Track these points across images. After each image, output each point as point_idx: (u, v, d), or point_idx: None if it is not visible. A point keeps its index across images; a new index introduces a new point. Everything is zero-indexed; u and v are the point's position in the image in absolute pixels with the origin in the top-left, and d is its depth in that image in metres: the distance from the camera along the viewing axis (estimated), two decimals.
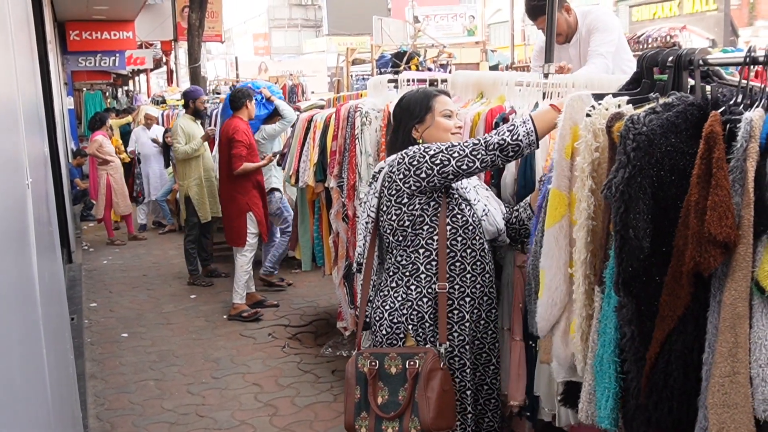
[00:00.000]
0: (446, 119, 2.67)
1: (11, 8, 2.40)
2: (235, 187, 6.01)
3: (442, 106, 2.68)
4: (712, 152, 1.62)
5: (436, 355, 2.42)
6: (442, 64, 9.60)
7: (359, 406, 2.47)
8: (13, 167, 2.00)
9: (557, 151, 2.12)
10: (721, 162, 1.60)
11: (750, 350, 1.57)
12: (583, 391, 2.05)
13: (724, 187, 1.58)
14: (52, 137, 6.85)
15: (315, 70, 23.40)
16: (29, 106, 2.95)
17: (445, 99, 2.71)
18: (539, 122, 2.43)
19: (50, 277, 2.82)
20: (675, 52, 2.01)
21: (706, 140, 1.64)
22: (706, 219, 1.58)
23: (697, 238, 1.61)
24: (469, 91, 3.26)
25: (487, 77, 3.26)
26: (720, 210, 1.57)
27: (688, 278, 1.67)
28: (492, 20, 37.97)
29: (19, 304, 1.74)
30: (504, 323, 2.82)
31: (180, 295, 6.88)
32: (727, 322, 1.60)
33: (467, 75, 3.37)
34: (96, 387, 4.71)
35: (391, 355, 2.45)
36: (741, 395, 1.57)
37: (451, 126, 2.67)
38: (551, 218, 2.12)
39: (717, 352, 1.62)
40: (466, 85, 3.28)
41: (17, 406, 1.46)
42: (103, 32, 14.70)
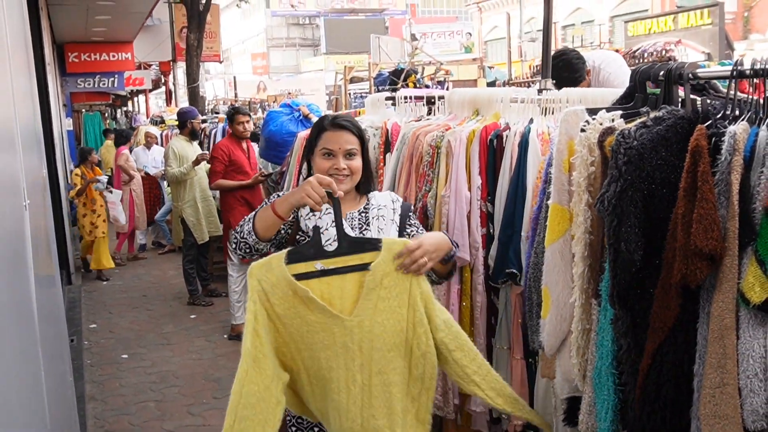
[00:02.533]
0: (324, 159, 2.31)
1: (9, 30, 2.41)
2: (222, 204, 6.18)
3: (324, 143, 2.32)
4: (698, 166, 1.64)
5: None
6: (440, 81, 9.64)
7: None
8: (11, 189, 2.00)
9: (555, 167, 2.13)
10: (706, 175, 1.62)
11: (738, 361, 1.58)
12: (583, 404, 2.06)
13: (710, 200, 1.59)
14: (50, 159, 6.86)
15: (313, 89, 23.52)
16: (27, 127, 2.96)
17: (331, 135, 2.32)
18: (256, 219, 2.26)
19: (48, 298, 2.81)
20: (666, 66, 2.02)
21: (691, 154, 1.66)
22: (692, 231, 1.60)
23: (683, 250, 1.62)
24: (464, 109, 3.26)
25: (482, 94, 3.27)
26: (705, 222, 1.58)
27: (677, 290, 1.69)
28: (489, 37, 38.22)
29: (17, 326, 1.73)
30: (503, 342, 2.80)
31: (180, 315, 6.85)
32: (716, 333, 1.62)
33: (463, 92, 3.38)
34: (96, 409, 4.67)
35: None
36: (731, 406, 1.58)
37: (325, 168, 2.29)
38: (553, 233, 2.12)
39: (707, 363, 1.63)
40: (462, 102, 3.28)
41: (15, 429, 1.45)
42: (101, 53, 14.80)
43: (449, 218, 2.88)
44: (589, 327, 2.03)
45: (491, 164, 2.85)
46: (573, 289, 2.06)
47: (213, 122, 9.78)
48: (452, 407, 2.94)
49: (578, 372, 2.06)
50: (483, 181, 2.87)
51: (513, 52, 25.54)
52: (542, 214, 2.31)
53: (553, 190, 2.13)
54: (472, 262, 2.88)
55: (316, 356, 2.06)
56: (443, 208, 2.91)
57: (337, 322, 2.05)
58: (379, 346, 2.07)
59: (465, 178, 2.87)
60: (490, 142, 2.85)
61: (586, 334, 2.04)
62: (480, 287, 2.87)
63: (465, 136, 2.92)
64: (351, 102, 11.35)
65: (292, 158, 5.39)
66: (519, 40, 28.08)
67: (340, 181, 2.27)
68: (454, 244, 2.32)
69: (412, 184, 3.19)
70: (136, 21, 12.74)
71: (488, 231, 2.86)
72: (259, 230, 2.23)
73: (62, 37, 13.77)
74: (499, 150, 2.83)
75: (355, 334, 2.05)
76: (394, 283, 2.09)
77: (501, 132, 2.84)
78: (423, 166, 3.09)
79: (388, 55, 14.08)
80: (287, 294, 2.05)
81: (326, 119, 2.40)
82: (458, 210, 2.86)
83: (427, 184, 3.06)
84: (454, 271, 2.50)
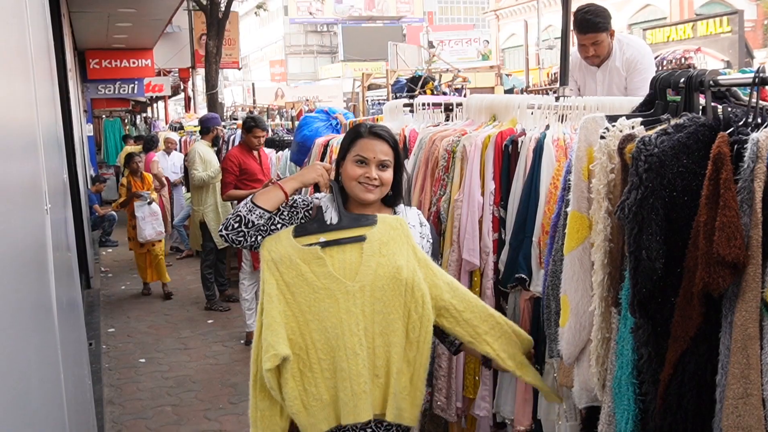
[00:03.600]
0: (357, 166, 2.31)
1: (32, 37, 2.44)
2: None
3: (359, 150, 2.32)
4: (720, 173, 1.62)
5: None
6: (457, 89, 9.64)
7: None
8: (32, 193, 2.02)
9: (574, 173, 2.11)
10: (728, 183, 1.59)
11: (762, 372, 1.55)
12: (602, 414, 2.03)
13: (732, 208, 1.57)
14: (71, 164, 6.93)
15: (331, 96, 23.63)
16: (49, 132, 2.99)
17: (366, 143, 2.32)
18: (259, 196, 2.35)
19: (68, 302, 2.84)
20: (686, 73, 2.01)
21: (713, 161, 1.64)
22: (715, 240, 1.57)
23: (705, 258, 1.60)
24: (482, 115, 3.26)
25: (499, 100, 3.27)
26: (728, 231, 1.56)
27: (699, 299, 1.66)
28: (506, 45, 38.19)
29: (37, 329, 1.75)
30: None
31: (197, 320, 6.89)
32: (739, 343, 1.59)
33: (480, 98, 3.38)
34: (113, 412, 4.70)
35: None
36: (754, 417, 1.55)
37: (356, 175, 2.30)
38: (572, 241, 2.10)
39: (729, 374, 1.60)
40: (479, 108, 3.29)
41: (34, 430, 1.46)
42: (122, 60, 14.96)
43: (461, 222, 2.89)
44: (609, 336, 2.01)
45: (505, 169, 2.85)
46: (592, 297, 2.04)
47: (231, 128, 9.84)
48: (455, 410, 2.94)
49: (597, 381, 2.04)
50: (496, 186, 2.86)
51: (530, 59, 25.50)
52: (561, 221, 2.29)
53: (573, 197, 2.12)
54: (482, 266, 2.87)
55: (323, 326, 2.17)
56: (455, 212, 2.91)
57: (340, 287, 2.18)
58: (380, 309, 2.19)
59: (478, 182, 2.87)
60: (505, 147, 2.84)
61: (606, 342, 2.02)
62: (489, 291, 2.87)
63: (480, 141, 2.92)
64: (368, 109, 11.37)
65: (309, 164, 5.42)
66: (536, 48, 28.05)
67: (369, 190, 2.31)
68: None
69: (427, 189, 3.19)
70: (156, 28, 12.86)
71: (500, 236, 2.85)
72: (259, 202, 2.31)
73: (83, 44, 13.94)
74: (513, 155, 2.83)
75: (357, 298, 2.18)
76: (392, 251, 2.23)
77: (516, 138, 2.83)
78: (438, 170, 3.10)
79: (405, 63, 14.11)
80: (295, 263, 2.20)
81: (363, 126, 2.41)
82: (470, 214, 2.86)
83: (442, 189, 3.06)
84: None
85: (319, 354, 2.17)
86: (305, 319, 2.18)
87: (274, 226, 2.33)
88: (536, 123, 2.90)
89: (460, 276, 2.90)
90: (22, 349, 1.45)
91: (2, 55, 1.62)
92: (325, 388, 2.19)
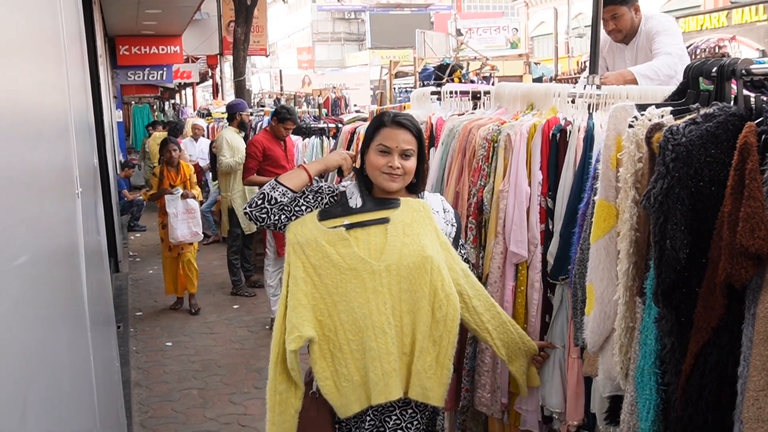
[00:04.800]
0: (380, 155, 2.32)
1: (65, 24, 2.47)
2: None
3: (383, 139, 2.32)
4: (746, 163, 1.60)
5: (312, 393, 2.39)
6: (485, 77, 9.57)
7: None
8: (65, 177, 2.05)
9: (603, 162, 2.11)
10: (754, 173, 1.57)
11: None
12: (624, 403, 2.03)
13: (758, 199, 1.55)
14: (101, 149, 7.02)
15: (358, 83, 23.58)
16: (80, 118, 3.03)
17: (389, 132, 2.32)
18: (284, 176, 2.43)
19: (98, 285, 2.88)
20: (719, 62, 1.98)
21: (739, 151, 1.62)
22: (738, 230, 1.56)
23: (729, 249, 1.59)
24: (517, 103, 3.20)
25: (537, 89, 3.19)
26: (753, 221, 1.54)
27: (722, 290, 1.65)
28: (535, 33, 37.79)
29: (69, 312, 1.78)
30: (557, 341, 2.75)
31: (223, 305, 6.95)
32: (761, 335, 1.57)
33: (514, 86, 3.31)
34: (141, 395, 4.78)
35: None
36: None
37: (380, 164, 2.30)
38: (599, 230, 2.10)
39: (751, 366, 1.59)
40: (514, 96, 3.22)
41: (65, 411, 1.49)
42: (151, 47, 15.07)
43: (507, 213, 2.82)
44: (633, 325, 2.01)
45: (553, 159, 2.79)
46: (617, 286, 2.03)
47: (259, 115, 9.88)
48: (500, 406, 2.91)
49: (621, 370, 2.04)
50: (544, 177, 2.80)
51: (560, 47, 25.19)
52: (589, 210, 2.29)
53: (600, 185, 2.11)
54: (529, 258, 2.82)
55: (350, 306, 2.20)
56: (501, 203, 2.84)
57: (366, 267, 2.21)
58: (407, 288, 2.22)
59: (525, 172, 2.80)
60: (552, 136, 2.79)
61: (630, 332, 2.01)
62: (537, 284, 2.80)
63: (526, 130, 2.84)
64: (396, 97, 11.35)
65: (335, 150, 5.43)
66: (566, 36, 27.69)
67: (393, 179, 2.32)
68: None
69: (465, 179, 3.12)
70: (185, 15, 12.94)
71: (547, 227, 2.80)
72: (283, 180, 2.37)
73: (113, 31, 14.07)
74: (562, 144, 2.78)
75: (383, 277, 2.21)
76: (415, 232, 2.27)
77: (564, 127, 2.79)
78: (477, 160, 3.04)
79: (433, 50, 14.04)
80: (321, 245, 2.24)
81: (387, 115, 2.40)
82: (517, 205, 2.79)
83: (482, 179, 2.99)
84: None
85: (348, 335, 2.21)
86: (333, 301, 2.21)
87: (299, 208, 2.36)
88: (579, 112, 2.85)
89: (506, 268, 2.84)
90: (54, 331, 1.47)
91: (37, 42, 1.64)
92: (356, 369, 2.22)
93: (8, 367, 1.00)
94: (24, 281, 1.16)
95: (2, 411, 0.93)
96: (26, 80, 1.42)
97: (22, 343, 1.11)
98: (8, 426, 0.94)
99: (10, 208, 1.12)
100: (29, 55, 1.51)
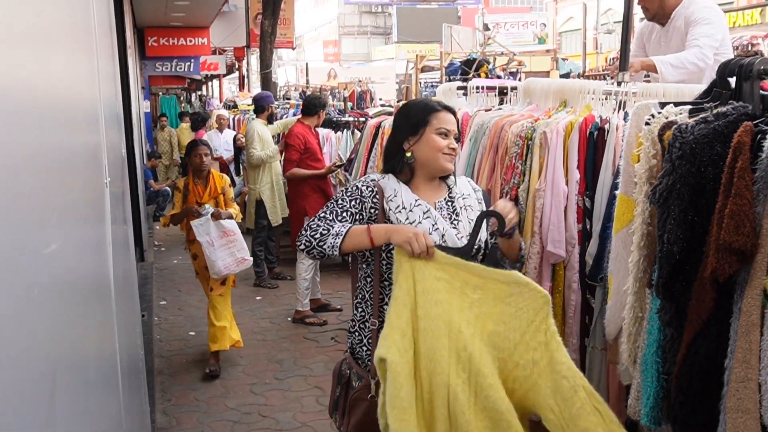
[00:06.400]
0: (440, 137, 2.41)
1: (96, 14, 2.49)
2: (296, 191, 6.14)
3: (440, 123, 2.43)
4: (736, 162, 1.65)
5: (366, 387, 2.36)
6: (512, 72, 9.49)
7: (336, 404, 2.53)
8: (94, 166, 2.08)
9: (624, 158, 2.24)
10: (743, 171, 1.62)
11: (760, 357, 1.61)
12: (632, 389, 2.12)
13: (744, 196, 1.60)
14: (129, 139, 7.09)
15: (384, 77, 23.52)
16: (110, 108, 3.06)
17: (445, 116, 2.45)
18: (348, 239, 2.30)
19: (124, 273, 2.92)
20: (740, 61, 1.98)
21: (732, 150, 1.67)
22: (724, 226, 1.62)
23: (715, 244, 1.65)
24: (549, 99, 3.16)
25: (571, 85, 3.15)
26: (738, 218, 1.60)
27: (711, 284, 1.72)
28: (563, 28, 37.44)
29: (96, 298, 1.80)
30: (597, 343, 2.70)
31: (246, 297, 7.00)
32: (743, 328, 1.64)
33: (546, 82, 3.27)
34: (164, 383, 4.83)
35: (354, 370, 2.46)
36: (752, 401, 1.61)
37: (443, 146, 2.41)
38: (619, 222, 2.20)
39: (734, 358, 1.66)
40: (546, 92, 3.18)
41: (91, 397, 1.51)
42: (179, 38, 15.17)
43: (544, 212, 2.79)
44: (642, 315, 2.08)
45: (590, 157, 2.75)
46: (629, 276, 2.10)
47: (285, 108, 9.91)
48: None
49: (628, 357, 2.13)
50: (581, 175, 2.76)
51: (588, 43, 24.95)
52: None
53: (621, 180, 2.20)
54: (567, 258, 2.78)
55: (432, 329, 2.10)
56: (537, 202, 2.81)
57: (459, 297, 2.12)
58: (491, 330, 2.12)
59: (562, 171, 2.77)
60: (590, 134, 2.75)
61: (639, 321, 2.09)
62: (575, 285, 2.77)
63: (562, 128, 2.80)
64: (421, 91, 11.31)
65: (361, 146, 5.42)
66: (595, 32, 27.42)
67: (451, 160, 2.44)
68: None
69: (497, 176, 3.09)
70: (213, 7, 13.00)
71: (584, 227, 2.76)
72: (346, 248, 2.30)
73: (143, 22, 14.19)
74: (600, 143, 2.74)
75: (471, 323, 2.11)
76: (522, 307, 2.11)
77: (601, 125, 2.75)
78: (510, 157, 2.99)
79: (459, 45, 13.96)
80: (428, 274, 2.14)
81: (434, 102, 2.53)
82: (555, 204, 2.76)
83: (516, 177, 2.94)
84: (523, 257, 2.49)
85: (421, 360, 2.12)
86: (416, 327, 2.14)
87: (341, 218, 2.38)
88: (612, 110, 2.81)
89: (542, 269, 2.82)
90: (81, 318, 1.49)
91: (69, 32, 1.66)
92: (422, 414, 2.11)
93: (38, 353, 1.01)
94: (54, 268, 1.18)
95: (33, 395, 0.94)
96: (60, 70, 1.44)
97: (51, 329, 1.12)
98: (38, 409, 0.96)
99: (43, 195, 1.14)
100: (63, 46, 1.53)
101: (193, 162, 5.02)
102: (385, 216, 2.37)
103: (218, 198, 4.97)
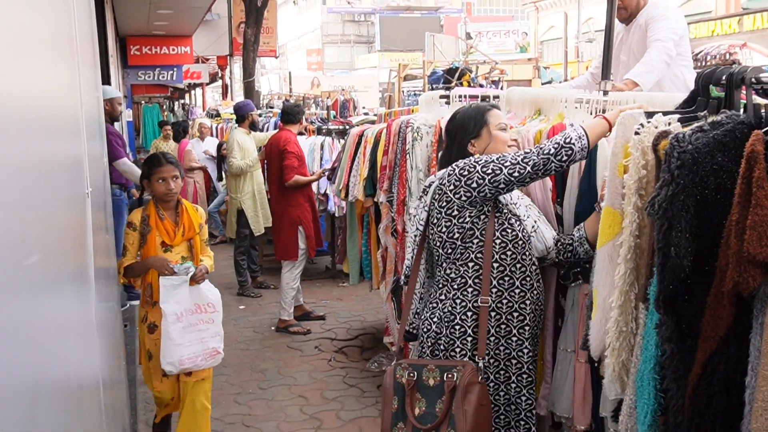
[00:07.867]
0: (502, 132, 2.71)
1: (77, 23, 2.48)
2: (287, 200, 6.08)
3: (497, 119, 2.72)
4: (753, 171, 1.61)
5: (474, 369, 2.43)
6: (494, 81, 9.56)
7: (396, 417, 2.49)
8: (75, 176, 2.06)
9: (610, 170, 2.15)
10: (761, 181, 1.58)
11: None
12: (624, 405, 2.07)
13: (765, 207, 1.56)
14: None
15: (367, 86, 23.60)
16: (91, 117, 3.04)
17: (498, 113, 2.75)
18: (590, 129, 2.47)
19: (106, 285, 2.89)
20: (729, 69, 1.99)
21: (746, 159, 1.63)
22: (746, 238, 1.57)
23: (736, 257, 1.59)
24: (525, 108, 3.22)
25: (545, 94, 3.21)
26: (760, 230, 1.55)
27: (730, 299, 1.66)
28: (545, 37, 37.76)
29: (76, 310, 1.79)
30: (567, 345, 2.75)
31: (229, 306, 6.96)
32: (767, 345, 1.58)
33: (523, 91, 3.33)
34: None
35: (429, 367, 2.48)
36: None
37: (507, 139, 2.70)
38: (604, 236, 2.14)
39: (760, 376, 1.59)
40: (523, 101, 3.24)
41: (72, 409, 1.50)
42: (162, 47, 15.14)
43: None
44: (627, 329, 2.05)
45: None
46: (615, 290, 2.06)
47: (267, 116, 9.91)
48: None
49: (612, 373, 2.08)
50: (552, 183, 2.83)
51: (569, 52, 25.17)
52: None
53: (607, 193, 2.15)
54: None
55: None
56: None
57: None
58: None
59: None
60: None
61: (624, 336, 2.05)
62: (552, 288, 2.83)
63: (532, 136, 2.87)
64: (404, 100, 11.35)
65: (344, 154, 5.43)
66: (576, 41, 27.67)
67: (515, 149, 2.71)
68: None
69: None
70: (196, 15, 12.98)
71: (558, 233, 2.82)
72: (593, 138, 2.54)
73: (125, 31, 14.13)
74: None
75: None
76: None
77: None
78: None
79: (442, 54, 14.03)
80: None
81: (481, 103, 2.94)
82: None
83: None
84: None
85: None
86: None
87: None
88: (585, 118, 2.85)
89: None
90: (62, 330, 1.48)
91: (50, 41, 1.65)
92: None
93: (19, 365, 1.00)
94: (34, 281, 1.17)
95: (14, 407, 0.94)
96: (41, 79, 1.43)
97: (32, 341, 1.12)
98: (19, 421, 0.95)
99: (23, 206, 1.13)
100: (44, 55, 1.52)
101: (155, 190, 3.51)
102: (496, 204, 2.59)
103: (193, 240, 3.55)
